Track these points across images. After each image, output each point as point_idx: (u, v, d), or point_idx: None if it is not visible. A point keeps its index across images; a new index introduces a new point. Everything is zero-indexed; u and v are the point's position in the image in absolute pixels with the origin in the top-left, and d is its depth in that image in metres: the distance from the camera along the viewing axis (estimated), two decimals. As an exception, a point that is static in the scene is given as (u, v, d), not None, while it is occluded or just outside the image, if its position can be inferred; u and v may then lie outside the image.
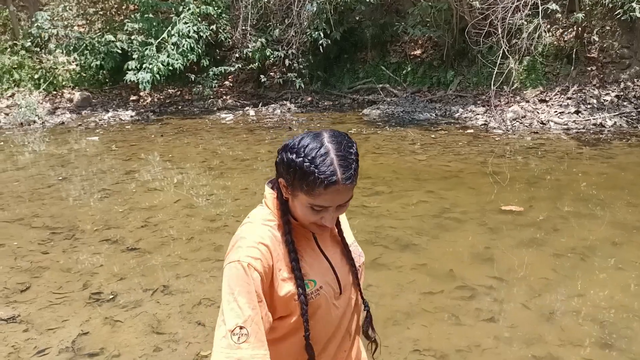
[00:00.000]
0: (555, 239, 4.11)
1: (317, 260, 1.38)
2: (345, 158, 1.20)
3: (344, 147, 1.21)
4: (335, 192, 1.20)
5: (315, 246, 1.40)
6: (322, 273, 1.37)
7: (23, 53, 12.47)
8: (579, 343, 2.77)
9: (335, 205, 1.25)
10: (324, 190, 1.19)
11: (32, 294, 3.55)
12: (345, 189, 1.21)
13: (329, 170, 1.18)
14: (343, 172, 1.19)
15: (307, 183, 1.20)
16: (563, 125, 8.20)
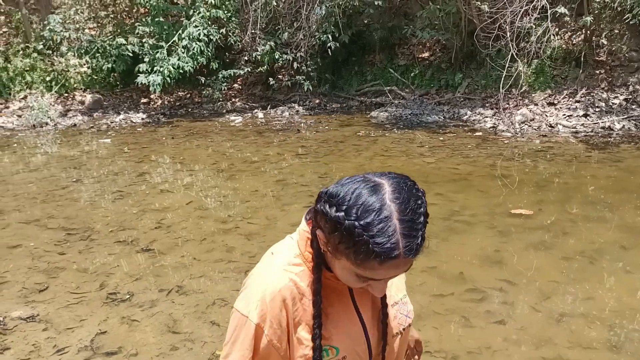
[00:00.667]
0: (564, 242, 4.15)
1: (347, 321, 1.11)
2: (412, 224, 0.92)
3: (411, 208, 0.92)
4: (392, 266, 0.93)
5: (349, 302, 1.12)
6: (351, 339, 1.11)
7: (35, 56, 12.61)
8: (587, 345, 2.81)
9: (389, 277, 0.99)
10: (379, 265, 0.92)
11: (50, 294, 3.63)
12: (407, 263, 0.94)
13: (389, 243, 0.90)
14: (407, 244, 0.91)
15: (357, 253, 0.92)
16: (571, 129, 8.23)
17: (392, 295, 1.17)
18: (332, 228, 0.95)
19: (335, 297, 1.10)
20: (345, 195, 0.95)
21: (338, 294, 1.11)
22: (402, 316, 1.19)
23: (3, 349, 2.98)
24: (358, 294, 1.13)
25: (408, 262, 0.94)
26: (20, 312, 3.38)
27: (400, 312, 1.19)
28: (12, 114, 11.42)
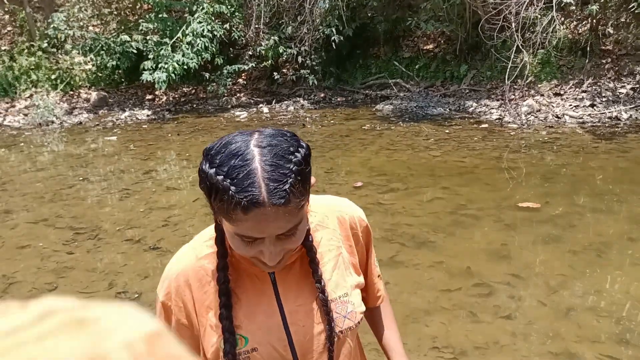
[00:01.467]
0: (571, 235, 4.13)
1: (262, 309, 1.03)
2: (277, 168, 0.86)
3: (278, 153, 0.87)
4: (261, 217, 0.86)
5: (268, 290, 1.05)
6: (263, 330, 1.02)
7: (40, 54, 12.66)
8: (595, 339, 2.81)
9: (273, 236, 0.90)
10: (244, 214, 0.85)
11: (59, 294, 3.66)
12: (278, 213, 0.86)
13: (250, 187, 0.84)
14: (271, 189, 0.85)
15: (222, 204, 0.86)
16: (578, 119, 8.17)
17: (330, 290, 1.07)
18: (200, 181, 0.90)
19: (249, 282, 1.04)
20: (214, 145, 0.90)
21: (254, 280, 1.05)
22: (338, 316, 1.06)
23: (14, 350, 3.00)
24: (283, 282, 1.05)
25: (280, 213, 0.86)
26: (31, 312, 3.41)
27: (337, 312, 1.06)
28: (18, 113, 11.48)
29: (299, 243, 0.96)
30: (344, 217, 1.15)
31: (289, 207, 0.87)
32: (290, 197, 0.87)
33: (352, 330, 1.09)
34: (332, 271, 1.09)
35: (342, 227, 1.14)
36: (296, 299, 1.05)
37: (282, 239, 0.92)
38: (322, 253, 1.10)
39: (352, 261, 1.15)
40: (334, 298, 1.07)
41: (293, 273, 1.07)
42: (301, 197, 0.90)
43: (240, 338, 1.01)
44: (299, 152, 0.91)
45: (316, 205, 1.14)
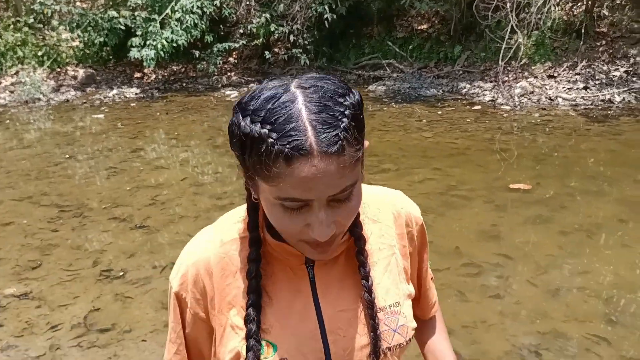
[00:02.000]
0: (561, 216, 4.11)
1: (296, 311, 0.87)
2: (325, 110, 0.70)
3: (324, 94, 0.71)
4: (309, 170, 0.69)
5: (306, 290, 0.88)
6: (297, 337, 0.86)
7: (26, 30, 12.39)
8: (583, 319, 2.80)
9: (323, 198, 0.72)
10: (287, 166, 0.69)
11: (43, 271, 3.60)
12: (329, 164, 0.69)
13: (291, 130, 0.68)
14: (320, 135, 0.68)
15: (259, 157, 0.70)
16: (571, 101, 8.14)
17: (380, 297, 0.89)
18: (233, 138, 0.74)
19: (283, 277, 0.88)
20: (247, 94, 0.74)
21: (289, 275, 0.88)
22: (387, 329, 0.89)
23: (-5, 327, 2.96)
24: (323, 281, 0.88)
25: (329, 164, 0.69)
26: (14, 289, 3.36)
27: (386, 324, 0.89)
28: (4, 90, 11.27)
29: (354, 214, 0.78)
30: (400, 212, 0.98)
31: (342, 157, 0.70)
32: (345, 145, 0.70)
33: (402, 348, 0.92)
34: (382, 274, 0.92)
35: (396, 223, 0.97)
36: (337, 302, 0.88)
37: (334, 206, 0.74)
38: (371, 251, 0.92)
39: (405, 265, 0.97)
40: (383, 307, 0.90)
41: (336, 270, 0.90)
42: (357, 146, 0.72)
43: (268, 345, 0.85)
44: (352, 95, 0.74)
45: (367, 195, 0.93)
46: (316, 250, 0.79)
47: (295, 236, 0.77)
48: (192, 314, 0.89)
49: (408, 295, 0.95)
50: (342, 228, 0.79)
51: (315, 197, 0.72)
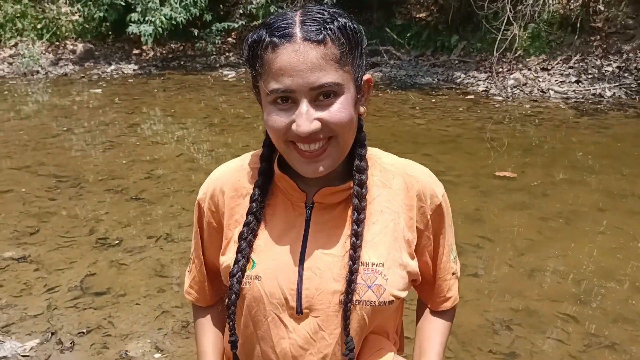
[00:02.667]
0: (543, 203, 4.27)
1: (285, 241, 0.96)
2: (316, 15, 0.83)
3: (322, 9, 0.85)
4: (292, 55, 0.80)
5: (300, 223, 0.96)
6: (276, 262, 0.95)
7: (26, 2, 12.36)
8: (555, 299, 2.95)
9: (305, 89, 0.82)
10: (274, 53, 0.81)
11: (41, 237, 3.72)
12: (310, 51, 0.80)
13: (281, 22, 0.83)
14: (306, 25, 0.81)
15: (257, 52, 0.85)
16: (563, 95, 8.27)
17: (366, 253, 0.94)
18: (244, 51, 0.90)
19: (283, 210, 0.98)
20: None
21: (288, 209, 0.98)
22: (362, 284, 0.92)
23: (-5, 287, 3.09)
24: (317, 222, 0.96)
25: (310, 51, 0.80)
26: (12, 252, 3.48)
27: (362, 278, 0.93)
28: (3, 62, 11.28)
29: (339, 120, 0.85)
30: (413, 184, 1.01)
31: (324, 48, 0.80)
32: (328, 38, 0.80)
33: (373, 307, 0.94)
34: (377, 234, 0.96)
35: (407, 193, 1.00)
36: (324, 245, 0.94)
37: (318, 105, 0.84)
38: (374, 212, 0.97)
39: (409, 238, 0.99)
40: (366, 262, 0.93)
41: (332, 215, 0.96)
42: (342, 48, 0.82)
43: (250, 261, 0.95)
44: (350, 19, 0.86)
45: (387, 161, 1.04)
46: (305, 160, 0.88)
47: (284, 135, 0.87)
48: (207, 222, 1.05)
49: (401, 264, 0.97)
50: (327, 131, 0.86)
51: (297, 86, 0.82)
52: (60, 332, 2.66)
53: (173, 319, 2.77)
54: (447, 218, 1.07)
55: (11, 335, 2.63)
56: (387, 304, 0.94)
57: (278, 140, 0.89)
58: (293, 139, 0.87)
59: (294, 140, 0.87)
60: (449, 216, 1.08)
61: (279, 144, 0.90)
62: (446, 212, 1.07)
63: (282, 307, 0.94)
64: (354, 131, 0.92)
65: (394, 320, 1.11)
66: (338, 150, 0.90)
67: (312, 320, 0.94)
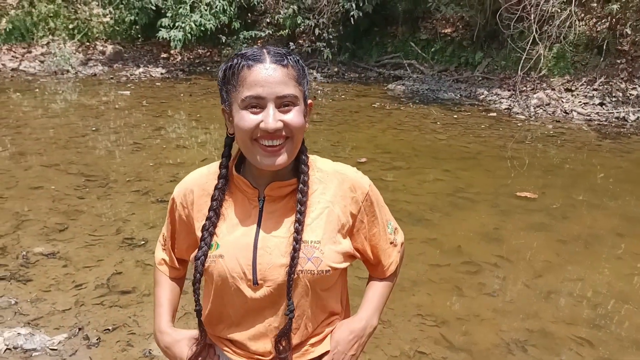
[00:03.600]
0: (562, 226, 4.29)
1: (242, 228, 1.20)
2: (276, 50, 1.13)
3: (279, 48, 1.15)
4: (263, 70, 1.08)
5: (254, 213, 1.21)
6: (235, 243, 1.19)
7: (59, 2, 12.69)
8: (571, 322, 2.98)
9: (272, 97, 1.08)
10: (249, 70, 1.08)
11: (69, 234, 3.85)
12: (277, 70, 1.08)
13: (254, 50, 1.12)
14: (272, 55, 1.10)
15: (233, 71, 1.10)
16: (586, 116, 8.25)
17: (306, 233, 1.18)
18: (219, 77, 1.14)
19: (241, 203, 1.22)
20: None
21: (244, 203, 1.21)
22: (303, 257, 1.16)
23: (26, 280, 3.21)
24: (268, 211, 1.20)
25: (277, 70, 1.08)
26: (42, 248, 3.61)
27: (303, 252, 1.17)
28: (34, 59, 11.58)
29: (295, 125, 1.11)
30: (344, 179, 1.25)
31: (287, 69, 1.10)
32: (288, 63, 1.11)
33: (313, 275, 1.17)
34: (314, 219, 1.20)
35: (340, 187, 1.24)
36: (273, 229, 1.19)
37: (281, 111, 1.10)
38: (312, 202, 1.21)
39: (343, 222, 1.23)
40: (306, 240, 1.17)
41: (281, 207, 1.21)
42: (298, 73, 1.12)
43: (215, 244, 1.19)
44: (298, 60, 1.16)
45: (324, 164, 1.28)
46: (266, 154, 1.12)
47: (251, 134, 1.11)
48: (178, 215, 1.30)
49: (335, 242, 1.21)
50: (287, 131, 1.12)
51: (267, 94, 1.09)
52: (87, 328, 2.76)
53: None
54: (377, 201, 1.30)
55: (40, 329, 2.74)
56: (325, 273, 1.18)
57: (245, 138, 1.12)
58: (260, 136, 1.10)
59: (259, 138, 1.11)
60: (379, 199, 1.31)
61: (246, 142, 1.12)
62: (374, 198, 1.29)
63: (242, 280, 1.17)
64: (301, 139, 1.17)
65: (336, 293, 1.33)
66: (292, 148, 1.14)
67: (266, 289, 1.17)
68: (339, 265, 1.21)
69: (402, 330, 2.88)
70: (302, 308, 1.21)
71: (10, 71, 10.95)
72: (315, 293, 1.22)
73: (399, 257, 1.38)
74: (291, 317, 1.19)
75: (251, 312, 1.21)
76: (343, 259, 1.23)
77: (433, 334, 2.85)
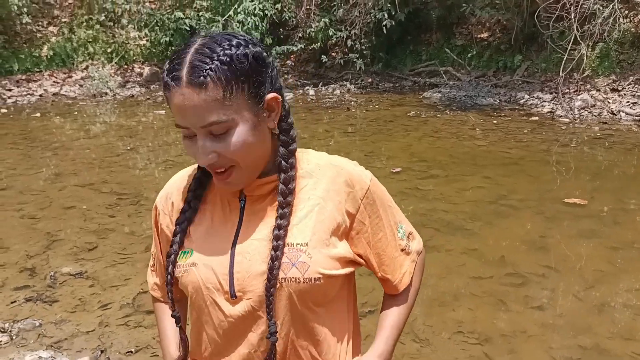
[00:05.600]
0: (615, 232, 3.98)
1: (220, 232, 1.03)
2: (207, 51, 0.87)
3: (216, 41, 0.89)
4: (180, 98, 0.87)
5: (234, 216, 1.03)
6: (211, 249, 1.02)
7: (98, 27, 13.03)
8: (629, 337, 2.71)
9: (197, 127, 0.90)
10: (168, 92, 0.89)
11: (98, 253, 3.80)
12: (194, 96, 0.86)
13: (175, 64, 0.88)
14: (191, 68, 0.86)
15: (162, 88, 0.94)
16: (635, 116, 7.81)
17: (291, 235, 0.99)
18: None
19: (220, 206, 1.05)
20: None
21: (224, 205, 1.05)
22: (287, 262, 0.97)
23: (52, 302, 3.15)
24: (249, 213, 1.02)
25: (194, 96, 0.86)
26: (70, 268, 3.56)
27: (287, 257, 0.97)
28: (75, 84, 11.89)
29: (234, 151, 0.92)
30: (339, 172, 1.05)
31: (206, 91, 0.87)
32: (209, 81, 0.87)
33: (299, 284, 0.97)
34: (302, 218, 1.01)
35: (334, 180, 1.04)
36: (254, 232, 1.01)
37: (214, 139, 0.92)
38: (300, 199, 1.03)
39: (338, 221, 1.02)
40: (291, 243, 0.98)
41: (263, 205, 1.03)
42: (227, 88, 0.88)
43: (189, 251, 1.04)
44: (243, 48, 0.90)
45: (315, 156, 1.09)
46: (217, 179, 0.98)
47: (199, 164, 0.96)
48: (161, 223, 1.13)
49: (328, 244, 1.00)
50: (226, 161, 0.94)
51: (190, 125, 0.90)
52: (109, 350, 2.67)
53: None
54: (381, 199, 1.09)
55: (63, 352, 2.66)
56: (314, 281, 0.98)
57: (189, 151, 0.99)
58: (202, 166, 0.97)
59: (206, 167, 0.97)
60: (384, 197, 1.09)
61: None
62: (378, 195, 1.08)
63: (218, 292, 1.00)
64: (259, 152, 0.98)
65: (338, 313, 1.09)
66: (243, 173, 0.98)
67: (246, 302, 0.98)
68: (333, 272, 1.00)
69: (441, 349, 2.67)
70: (288, 327, 1.00)
71: (52, 96, 11.25)
72: (307, 308, 1.01)
73: (415, 268, 1.14)
74: (274, 341, 0.97)
75: (232, 332, 1.01)
76: (339, 265, 1.02)
77: (476, 352, 2.63)
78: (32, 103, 10.65)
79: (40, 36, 12.62)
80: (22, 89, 11.39)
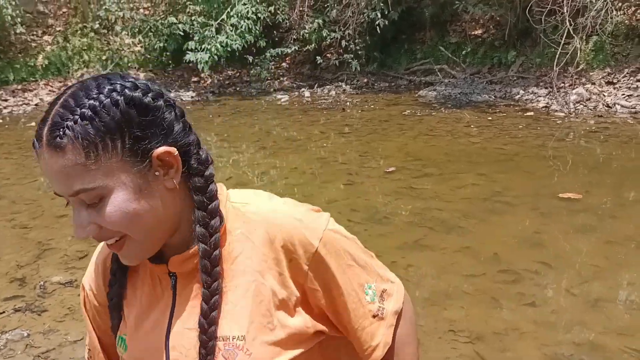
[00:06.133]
0: (610, 226, 3.94)
1: (152, 317, 0.88)
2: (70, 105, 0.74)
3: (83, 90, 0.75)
4: (42, 161, 0.75)
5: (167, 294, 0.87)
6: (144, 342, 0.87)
7: (92, 35, 13.02)
8: (624, 332, 2.67)
9: (66, 196, 0.76)
10: (35, 153, 0.77)
11: (89, 261, 3.75)
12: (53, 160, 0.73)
13: (42, 121, 0.76)
14: (52, 126, 0.73)
15: None
16: (630, 109, 7.77)
17: (225, 325, 0.82)
18: None
19: (151, 284, 0.89)
20: None
21: (156, 283, 0.88)
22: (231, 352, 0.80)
23: (41, 311, 3.13)
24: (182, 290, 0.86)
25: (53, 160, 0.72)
26: (60, 277, 3.54)
27: (223, 355, 0.81)
28: (70, 92, 11.89)
29: (113, 222, 0.76)
30: (276, 234, 0.85)
31: (64, 156, 0.72)
32: (66, 142, 0.72)
33: None
34: (238, 301, 0.83)
35: (271, 246, 0.85)
36: (187, 319, 0.84)
37: (91, 208, 0.76)
38: (235, 272, 0.84)
39: (282, 297, 0.84)
40: (226, 336, 0.81)
41: (195, 285, 0.85)
42: (90, 149, 0.73)
43: (122, 344, 0.90)
44: (116, 95, 0.75)
45: (252, 210, 0.90)
46: (110, 250, 0.83)
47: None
48: (90, 303, 0.99)
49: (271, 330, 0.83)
50: (111, 233, 0.78)
51: (59, 192, 0.77)
52: None
53: None
54: (337, 262, 0.87)
55: (50, 362, 2.63)
56: None
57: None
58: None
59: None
60: (342, 257, 0.88)
61: None
62: (332, 257, 0.86)
63: None
64: (155, 220, 0.79)
65: None
66: (138, 246, 0.81)
67: None
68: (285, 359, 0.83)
69: (432, 349, 2.63)
70: None
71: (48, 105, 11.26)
72: None
73: (395, 333, 0.93)
74: None
75: None
76: (294, 345, 0.84)
77: (467, 351, 2.59)
78: (27, 112, 10.64)
79: (35, 45, 12.62)
80: (18, 99, 11.39)
